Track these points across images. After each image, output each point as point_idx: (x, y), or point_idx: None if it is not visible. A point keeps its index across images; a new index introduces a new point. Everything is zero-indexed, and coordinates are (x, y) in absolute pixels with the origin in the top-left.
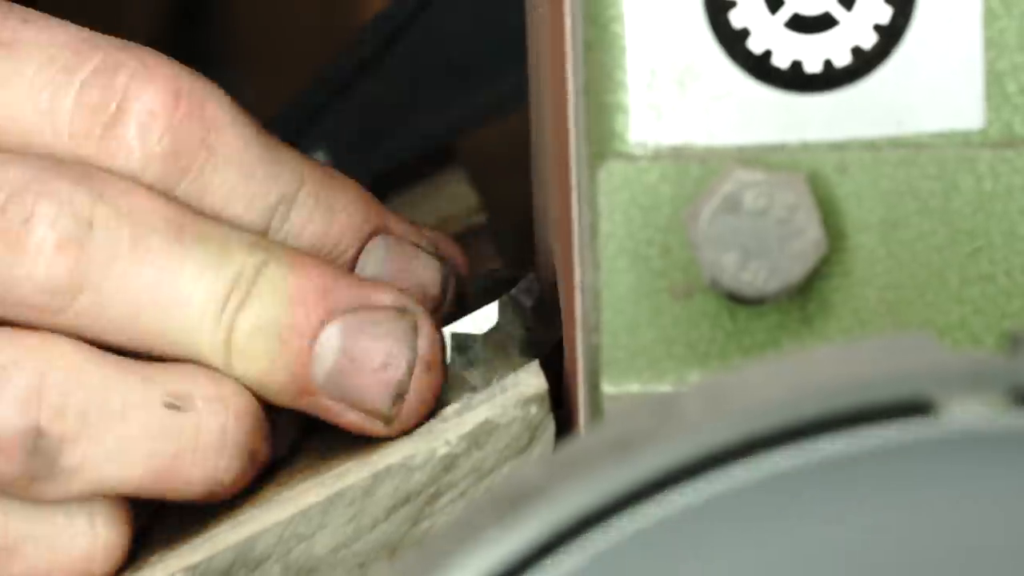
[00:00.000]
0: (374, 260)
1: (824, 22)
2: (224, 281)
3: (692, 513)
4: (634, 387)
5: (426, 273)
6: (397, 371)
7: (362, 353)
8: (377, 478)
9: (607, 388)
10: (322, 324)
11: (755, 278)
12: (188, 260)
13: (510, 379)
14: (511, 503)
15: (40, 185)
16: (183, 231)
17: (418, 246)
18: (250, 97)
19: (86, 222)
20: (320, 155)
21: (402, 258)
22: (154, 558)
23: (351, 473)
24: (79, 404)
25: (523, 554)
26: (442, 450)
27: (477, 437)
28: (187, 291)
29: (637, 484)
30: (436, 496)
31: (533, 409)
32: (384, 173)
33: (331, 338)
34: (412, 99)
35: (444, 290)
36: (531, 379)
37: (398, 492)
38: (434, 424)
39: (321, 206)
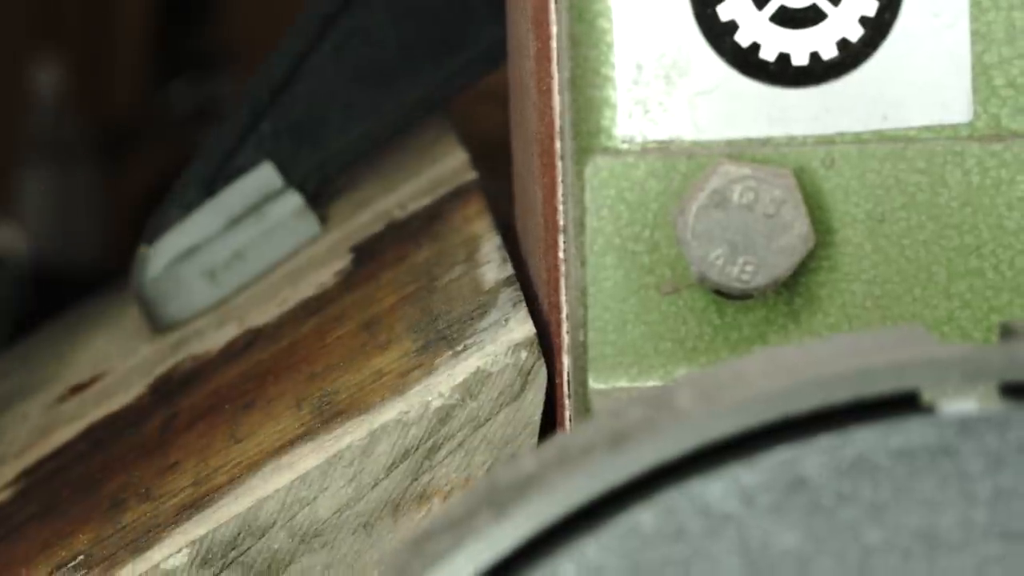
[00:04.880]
0: None
1: (811, 15)
2: None
3: (689, 505)
4: (622, 383)
5: None
6: None
7: None
8: (374, 436)
9: (594, 384)
10: None
11: (742, 273)
12: None
13: (499, 327)
14: (507, 494)
15: None
16: None
17: None
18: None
19: None
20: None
21: None
22: (162, 534)
23: (348, 434)
24: None
25: (518, 546)
26: (436, 403)
27: (470, 387)
28: None
29: (633, 476)
30: (434, 449)
31: (523, 355)
32: (375, 134)
33: None
34: (348, 95)
35: None
36: (519, 325)
37: (396, 448)
38: (426, 379)
39: None
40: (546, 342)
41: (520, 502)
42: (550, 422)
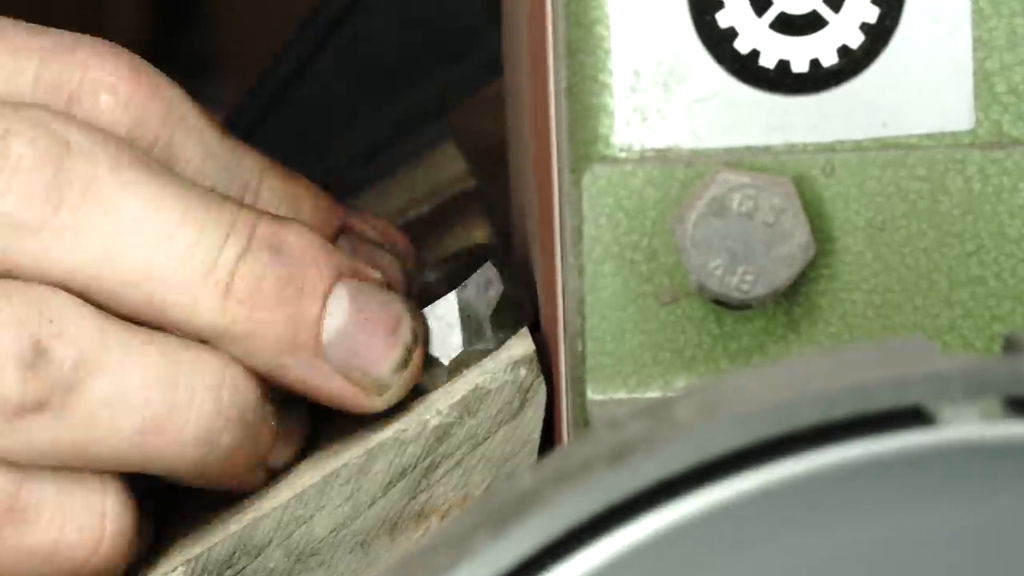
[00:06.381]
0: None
1: (811, 22)
2: (217, 228)
3: (689, 523)
4: (620, 394)
5: (388, 267)
6: (405, 336)
7: (374, 315)
8: (371, 455)
9: (592, 395)
10: (332, 284)
11: (742, 283)
12: (169, 198)
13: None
14: (506, 512)
15: (17, 111)
16: (159, 171)
17: (379, 244)
18: (236, 99)
19: (63, 143)
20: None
21: (366, 254)
22: (158, 551)
23: (345, 452)
24: (76, 338)
25: (518, 565)
26: (434, 421)
27: (468, 404)
28: (171, 228)
29: (634, 492)
30: (432, 468)
31: (523, 372)
32: (376, 141)
33: (341, 298)
34: (350, 100)
35: (404, 282)
36: (519, 342)
37: (393, 467)
38: (424, 396)
39: (286, 202)
40: (544, 355)
41: (519, 519)
42: (548, 437)
